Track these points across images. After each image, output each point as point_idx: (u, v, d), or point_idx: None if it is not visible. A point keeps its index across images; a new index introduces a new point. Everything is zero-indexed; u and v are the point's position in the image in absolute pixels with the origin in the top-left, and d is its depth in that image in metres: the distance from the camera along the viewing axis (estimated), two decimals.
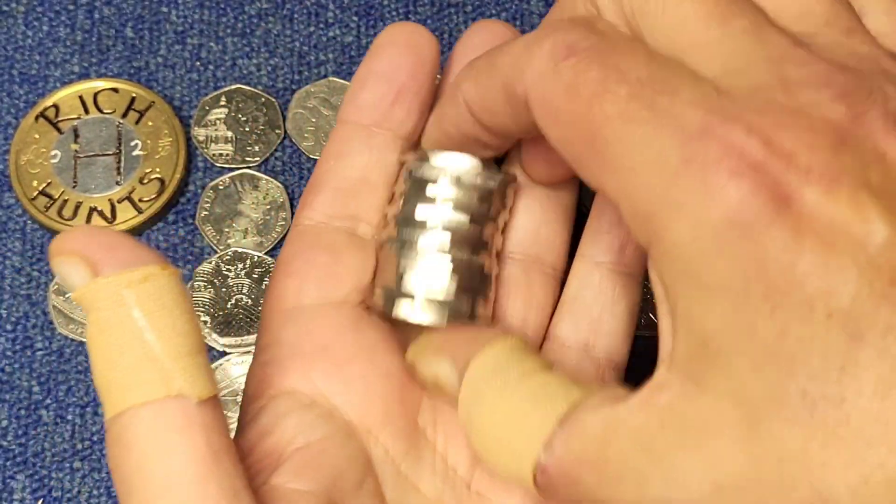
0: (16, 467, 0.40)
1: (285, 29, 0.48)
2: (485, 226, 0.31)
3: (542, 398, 0.27)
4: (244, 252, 0.44)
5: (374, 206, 0.32)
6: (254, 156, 0.46)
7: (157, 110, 0.46)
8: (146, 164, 0.45)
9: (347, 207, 0.32)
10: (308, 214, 0.32)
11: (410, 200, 0.32)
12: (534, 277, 0.33)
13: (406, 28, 0.33)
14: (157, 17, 0.48)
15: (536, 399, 0.27)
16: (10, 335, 0.43)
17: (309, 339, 0.30)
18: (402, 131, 0.33)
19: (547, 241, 0.33)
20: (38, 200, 0.44)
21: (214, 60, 0.48)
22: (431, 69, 0.33)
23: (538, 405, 0.27)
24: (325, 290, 0.31)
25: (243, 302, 0.43)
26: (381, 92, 0.32)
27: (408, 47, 0.32)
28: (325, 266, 0.31)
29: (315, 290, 0.31)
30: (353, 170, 0.32)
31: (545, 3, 0.49)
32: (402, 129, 0.33)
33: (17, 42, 0.48)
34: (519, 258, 0.33)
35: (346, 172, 0.32)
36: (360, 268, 0.31)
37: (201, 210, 0.45)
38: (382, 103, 0.32)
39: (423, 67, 0.33)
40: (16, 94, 0.47)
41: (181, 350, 0.25)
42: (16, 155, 0.45)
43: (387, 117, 0.32)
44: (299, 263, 0.31)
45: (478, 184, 0.31)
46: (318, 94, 0.47)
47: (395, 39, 0.33)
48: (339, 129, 0.33)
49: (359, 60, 0.48)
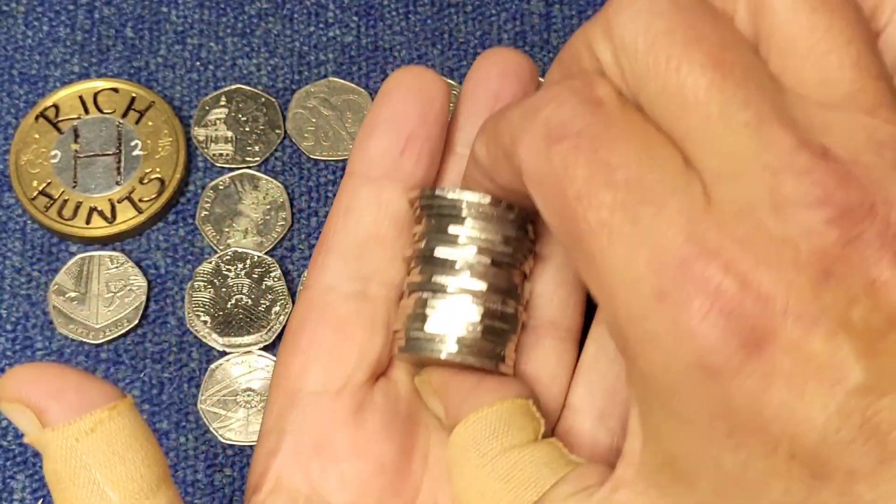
0: (16, 467, 0.41)
1: (285, 29, 0.48)
2: (512, 270, 0.31)
3: (515, 482, 0.27)
4: (244, 252, 0.44)
5: (385, 262, 0.32)
6: (254, 156, 0.46)
7: (157, 110, 0.46)
8: (146, 164, 0.45)
9: (358, 269, 0.31)
10: (318, 277, 0.32)
11: (432, 239, 0.31)
12: (549, 343, 0.32)
13: (414, 72, 0.32)
14: (157, 17, 0.48)
15: (510, 481, 0.27)
16: (10, 335, 0.43)
17: (309, 432, 0.30)
18: (411, 181, 0.32)
19: (562, 305, 0.32)
20: (38, 200, 0.44)
21: (214, 60, 0.48)
22: (441, 114, 0.32)
23: (510, 489, 0.27)
24: (328, 374, 0.31)
25: (243, 302, 0.43)
26: (389, 141, 0.31)
27: (416, 92, 0.31)
28: (330, 346, 0.31)
29: (319, 374, 0.31)
30: (362, 226, 0.32)
31: (545, 3, 0.49)
32: (411, 179, 0.32)
33: (17, 42, 0.48)
34: (534, 324, 0.32)
35: (355, 229, 0.32)
36: (366, 342, 0.31)
37: (201, 210, 0.45)
38: (391, 153, 0.31)
39: (433, 113, 0.32)
40: (16, 94, 0.47)
41: (140, 494, 0.25)
42: (16, 155, 0.45)
43: (396, 168, 0.32)
44: (306, 341, 0.31)
45: (496, 215, 0.30)
46: (318, 94, 0.47)
47: (403, 84, 0.32)
48: (347, 181, 0.32)
49: (359, 60, 0.48)
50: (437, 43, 0.48)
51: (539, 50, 0.48)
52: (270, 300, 0.43)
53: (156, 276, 0.44)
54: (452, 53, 0.48)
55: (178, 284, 0.44)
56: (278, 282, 0.43)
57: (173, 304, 0.43)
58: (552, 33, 0.49)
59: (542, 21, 0.49)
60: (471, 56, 0.48)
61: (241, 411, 0.41)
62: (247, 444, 0.41)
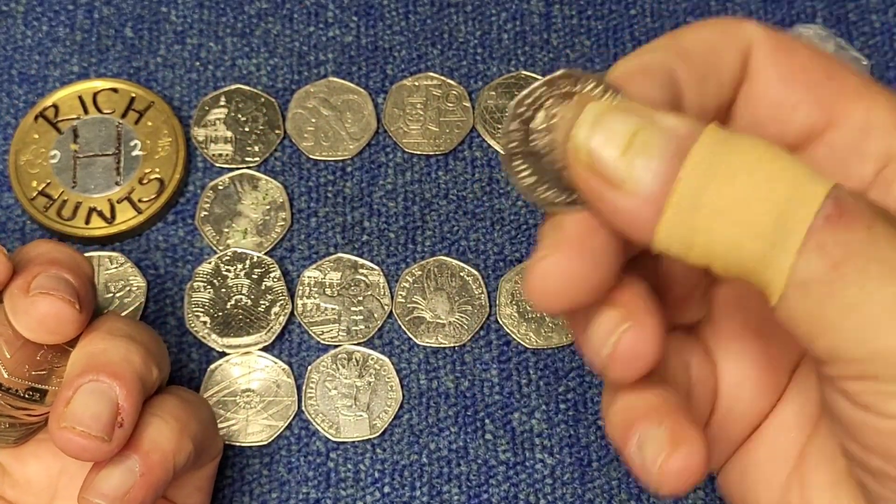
0: None
1: (285, 29, 0.48)
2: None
3: (806, 171, 0.24)
4: (244, 252, 0.44)
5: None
6: (253, 156, 0.46)
7: (156, 110, 0.46)
8: (146, 164, 0.45)
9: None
10: None
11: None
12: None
13: None
14: (156, 17, 0.48)
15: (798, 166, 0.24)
16: None
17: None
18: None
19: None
20: (37, 201, 0.44)
21: (214, 60, 0.48)
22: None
23: (805, 173, 0.24)
24: None
25: (243, 302, 0.43)
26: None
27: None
28: None
29: None
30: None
31: (545, 3, 0.49)
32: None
33: (16, 42, 0.48)
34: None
35: None
36: None
37: (201, 210, 0.45)
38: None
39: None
40: (15, 94, 0.47)
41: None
42: (15, 155, 0.45)
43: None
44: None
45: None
46: (318, 94, 0.47)
47: None
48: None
49: (359, 60, 0.48)
50: (437, 43, 0.48)
51: (539, 50, 0.48)
52: (270, 300, 0.43)
53: (155, 276, 0.44)
54: (452, 53, 0.48)
55: (178, 285, 0.44)
56: (278, 282, 0.43)
57: (173, 305, 0.43)
58: (552, 33, 0.49)
59: (542, 21, 0.49)
60: (471, 56, 0.48)
61: (241, 412, 0.41)
62: (246, 445, 0.41)
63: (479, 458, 0.41)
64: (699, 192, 0.24)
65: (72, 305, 0.32)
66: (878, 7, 0.49)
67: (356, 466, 0.41)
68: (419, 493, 0.41)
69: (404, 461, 0.41)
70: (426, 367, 0.43)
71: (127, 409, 0.32)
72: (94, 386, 0.31)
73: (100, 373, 0.32)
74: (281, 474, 0.41)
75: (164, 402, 0.34)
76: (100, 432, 0.31)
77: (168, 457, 0.32)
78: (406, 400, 0.42)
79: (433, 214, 0.45)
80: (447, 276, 0.44)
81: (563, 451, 0.41)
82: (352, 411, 0.41)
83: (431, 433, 0.42)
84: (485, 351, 0.43)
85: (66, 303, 0.31)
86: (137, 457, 0.32)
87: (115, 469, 0.32)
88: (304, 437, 0.41)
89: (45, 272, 0.32)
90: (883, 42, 0.48)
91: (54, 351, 0.32)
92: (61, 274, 0.32)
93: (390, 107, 0.47)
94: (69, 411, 0.31)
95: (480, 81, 0.47)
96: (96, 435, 0.31)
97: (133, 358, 0.33)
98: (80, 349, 0.33)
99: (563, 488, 0.41)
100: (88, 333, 0.33)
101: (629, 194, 0.25)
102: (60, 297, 0.31)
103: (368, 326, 0.43)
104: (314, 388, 0.42)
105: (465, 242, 0.45)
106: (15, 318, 0.31)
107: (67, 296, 0.32)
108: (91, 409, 0.31)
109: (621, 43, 0.48)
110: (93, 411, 0.31)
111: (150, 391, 0.33)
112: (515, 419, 0.42)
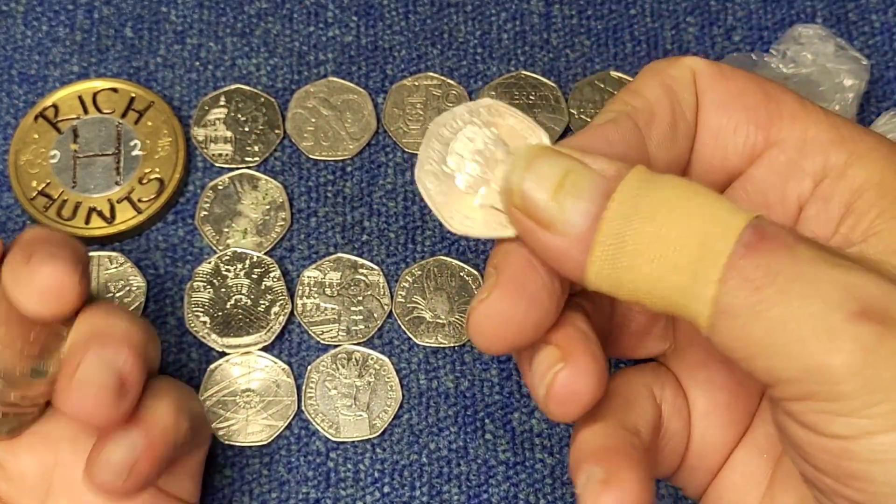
0: None
1: (285, 29, 0.48)
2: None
3: (725, 205, 0.25)
4: (243, 252, 0.44)
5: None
6: (253, 156, 0.46)
7: (156, 110, 0.46)
8: (145, 164, 0.45)
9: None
10: None
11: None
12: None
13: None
14: (156, 17, 0.48)
15: (720, 202, 0.25)
16: None
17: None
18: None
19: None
20: (37, 200, 0.44)
21: (214, 60, 0.48)
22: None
23: (724, 207, 0.25)
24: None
25: (242, 302, 0.43)
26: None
27: None
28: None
29: None
30: None
31: (545, 3, 0.49)
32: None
33: (16, 42, 0.48)
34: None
35: None
36: None
37: (201, 210, 0.45)
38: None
39: None
40: (15, 94, 0.47)
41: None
42: (15, 155, 0.45)
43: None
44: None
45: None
46: (318, 94, 0.47)
47: None
48: None
49: (358, 60, 0.48)
50: (437, 43, 0.48)
51: (539, 50, 0.48)
52: (270, 300, 0.43)
53: (155, 276, 0.44)
54: (452, 53, 0.48)
55: (178, 285, 0.44)
56: (278, 282, 0.43)
57: (172, 305, 0.43)
58: (552, 33, 0.49)
59: (541, 21, 0.49)
60: (471, 56, 0.48)
61: (241, 412, 0.41)
62: (246, 445, 0.41)
63: (478, 458, 0.41)
64: (623, 230, 0.25)
65: (73, 275, 0.31)
66: (878, 7, 0.49)
67: (356, 466, 0.41)
68: (419, 493, 0.41)
69: (404, 461, 0.41)
70: (426, 366, 0.43)
71: (134, 375, 0.32)
72: (101, 351, 0.31)
73: (106, 340, 0.32)
74: (281, 474, 0.41)
75: (159, 382, 0.34)
76: (109, 395, 0.31)
77: (169, 431, 0.33)
78: (406, 400, 0.42)
79: (433, 214, 0.45)
80: (447, 276, 0.44)
81: (563, 451, 0.41)
82: (351, 411, 0.41)
83: (431, 433, 0.42)
84: None
85: (67, 273, 0.31)
86: (141, 430, 0.32)
87: (120, 443, 0.32)
88: (303, 436, 0.41)
89: (44, 246, 0.32)
90: (883, 42, 0.48)
91: (48, 332, 0.32)
92: (60, 249, 0.32)
93: (390, 107, 0.47)
94: (78, 375, 0.31)
95: (480, 81, 0.47)
96: (106, 397, 0.31)
97: (135, 330, 0.33)
98: (83, 322, 0.33)
99: (563, 488, 0.41)
100: (87, 311, 0.33)
101: (560, 234, 0.26)
102: (63, 267, 0.31)
103: (368, 326, 0.43)
104: (314, 388, 0.42)
105: (465, 242, 0.45)
106: (16, 290, 0.31)
107: (69, 265, 0.31)
108: (100, 373, 0.31)
109: (621, 43, 0.48)
110: (101, 375, 0.31)
111: (149, 369, 0.34)
112: (515, 419, 0.42)
